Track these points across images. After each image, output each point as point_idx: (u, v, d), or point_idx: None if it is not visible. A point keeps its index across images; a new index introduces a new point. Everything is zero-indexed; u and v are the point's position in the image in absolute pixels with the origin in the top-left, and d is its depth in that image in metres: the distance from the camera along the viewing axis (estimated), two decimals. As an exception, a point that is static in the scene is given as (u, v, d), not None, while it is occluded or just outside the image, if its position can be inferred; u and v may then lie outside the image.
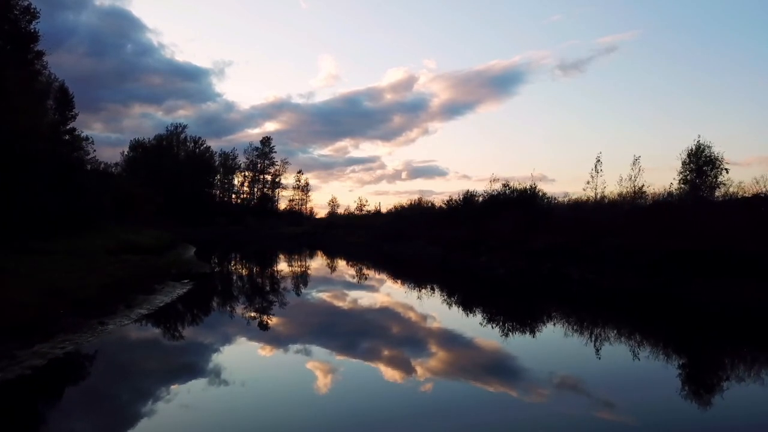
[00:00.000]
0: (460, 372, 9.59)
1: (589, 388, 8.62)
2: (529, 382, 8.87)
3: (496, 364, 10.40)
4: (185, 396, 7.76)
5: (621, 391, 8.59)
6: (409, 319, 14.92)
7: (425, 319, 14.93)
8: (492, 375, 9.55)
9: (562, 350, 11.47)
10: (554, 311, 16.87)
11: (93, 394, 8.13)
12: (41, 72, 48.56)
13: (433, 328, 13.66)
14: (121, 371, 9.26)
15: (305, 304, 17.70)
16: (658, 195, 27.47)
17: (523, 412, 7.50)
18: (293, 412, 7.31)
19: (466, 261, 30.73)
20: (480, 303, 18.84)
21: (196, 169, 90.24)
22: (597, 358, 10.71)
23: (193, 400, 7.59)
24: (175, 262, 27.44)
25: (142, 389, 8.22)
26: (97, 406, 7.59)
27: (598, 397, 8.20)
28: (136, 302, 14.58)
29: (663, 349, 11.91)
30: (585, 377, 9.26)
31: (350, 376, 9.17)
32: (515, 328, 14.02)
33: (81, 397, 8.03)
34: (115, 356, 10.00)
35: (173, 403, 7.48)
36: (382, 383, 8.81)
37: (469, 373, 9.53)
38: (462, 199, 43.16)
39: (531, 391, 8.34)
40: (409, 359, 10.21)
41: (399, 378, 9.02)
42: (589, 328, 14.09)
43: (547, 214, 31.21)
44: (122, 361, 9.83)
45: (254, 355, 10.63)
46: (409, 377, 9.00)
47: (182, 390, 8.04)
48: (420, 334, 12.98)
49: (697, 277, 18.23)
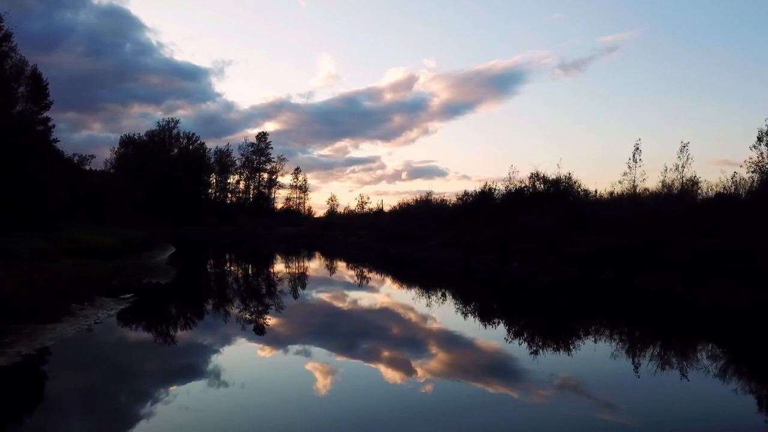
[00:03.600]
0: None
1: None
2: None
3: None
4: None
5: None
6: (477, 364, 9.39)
7: (493, 368, 9.41)
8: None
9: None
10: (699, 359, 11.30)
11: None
12: (8, 54, 43.24)
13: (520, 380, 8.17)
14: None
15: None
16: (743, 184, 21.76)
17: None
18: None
19: (492, 266, 25.17)
20: (553, 334, 13.27)
21: (188, 166, 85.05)
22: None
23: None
24: (133, 268, 21.95)
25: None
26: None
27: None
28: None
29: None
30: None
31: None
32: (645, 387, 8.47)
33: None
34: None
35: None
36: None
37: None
38: (479, 194, 37.65)
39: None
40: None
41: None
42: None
43: (592, 209, 25.64)
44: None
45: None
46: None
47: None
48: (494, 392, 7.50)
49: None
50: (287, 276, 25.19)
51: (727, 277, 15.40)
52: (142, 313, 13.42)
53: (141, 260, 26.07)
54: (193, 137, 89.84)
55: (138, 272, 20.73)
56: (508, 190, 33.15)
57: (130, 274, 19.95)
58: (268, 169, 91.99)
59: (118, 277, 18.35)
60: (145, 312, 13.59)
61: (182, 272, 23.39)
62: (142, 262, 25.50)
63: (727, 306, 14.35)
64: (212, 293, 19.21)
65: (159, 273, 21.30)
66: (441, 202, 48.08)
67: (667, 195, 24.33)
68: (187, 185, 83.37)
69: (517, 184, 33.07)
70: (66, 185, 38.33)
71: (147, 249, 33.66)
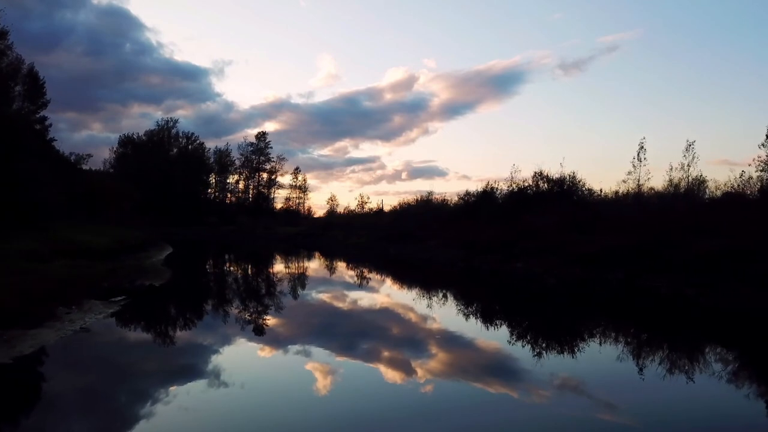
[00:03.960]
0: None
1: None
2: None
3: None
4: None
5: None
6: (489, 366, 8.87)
7: (506, 368, 8.87)
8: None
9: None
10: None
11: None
12: (4, 52, 42.72)
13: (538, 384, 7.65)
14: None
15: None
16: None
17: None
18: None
19: (496, 267, 24.63)
20: (565, 336, 12.73)
21: (188, 166, 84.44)
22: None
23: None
24: (127, 269, 21.43)
25: None
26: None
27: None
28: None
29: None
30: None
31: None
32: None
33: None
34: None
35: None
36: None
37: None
38: (481, 193, 37.11)
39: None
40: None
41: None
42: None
43: (596, 208, 25.10)
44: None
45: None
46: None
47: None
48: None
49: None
50: (285, 277, 24.66)
51: (739, 278, 14.88)
52: (132, 316, 12.86)
53: (136, 261, 25.54)
54: (192, 137, 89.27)
55: (132, 273, 20.21)
56: (511, 190, 32.62)
57: (124, 275, 19.44)
58: (268, 168, 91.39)
59: (110, 278, 17.85)
60: (135, 316, 13.04)
61: (177, 274, 22.86)
62: (137, 262, 24.97)
63: (740, 307, 13.81)
64: (206, 296, 18.59)
65: (153, 274, 20.77)
66: (442, 201, 47.52)
67: (674, 194, 23.77)
68: (186, 185, 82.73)
69: (520, 184, 32.53)
70: (62, 185, 37.86)
71: (143, 249, 33.09)
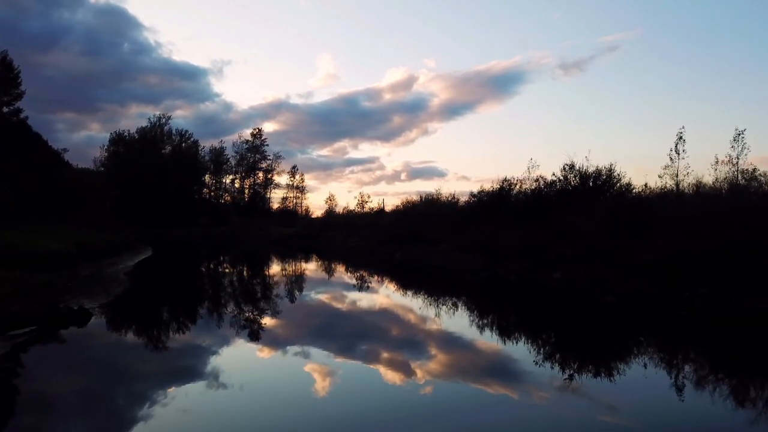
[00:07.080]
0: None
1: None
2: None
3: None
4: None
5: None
6: None
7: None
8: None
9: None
10: None
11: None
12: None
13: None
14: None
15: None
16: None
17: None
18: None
19: (526, 277, 20.40)
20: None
21: (181, 164, 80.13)
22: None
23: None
24: (72, 280, 17.20)
25: None
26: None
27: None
28: None
29: None
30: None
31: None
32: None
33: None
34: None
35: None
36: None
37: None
38: (498, 190, 32.83)
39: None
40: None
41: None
42: None
43: (649, 205, 20.88)
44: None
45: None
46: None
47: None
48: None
49: None
50: (278, 294, 20.37)
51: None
52: (20, 370, 8.53)
53: (96, 269, 21.27)
54: (186, 135, 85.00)
55: (74, 288, 15.98)
56: (537, 186, 28.32)
57: (62, 290, 15.21)
58: (264, 167, 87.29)
59: (35, 296, 13.59)
60: (27, 367, 8.68)
61: (135, 287, 18.60)
62: (95, 271, 20.74)
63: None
64: (151, 326, 13.20)
65: (103, 288, 16.58)
66: (451, 199, 43.22)
67: (744, 187, 19.56)
68: (180, 184, 78.59)
69: (548, 178, 28.25)
70: (35, 182, 34.02)
71: (116, 254, 28.82)
